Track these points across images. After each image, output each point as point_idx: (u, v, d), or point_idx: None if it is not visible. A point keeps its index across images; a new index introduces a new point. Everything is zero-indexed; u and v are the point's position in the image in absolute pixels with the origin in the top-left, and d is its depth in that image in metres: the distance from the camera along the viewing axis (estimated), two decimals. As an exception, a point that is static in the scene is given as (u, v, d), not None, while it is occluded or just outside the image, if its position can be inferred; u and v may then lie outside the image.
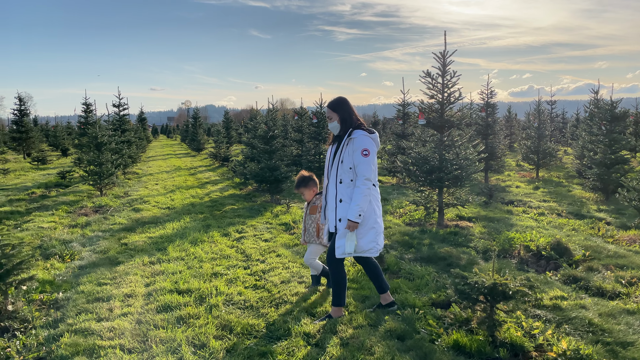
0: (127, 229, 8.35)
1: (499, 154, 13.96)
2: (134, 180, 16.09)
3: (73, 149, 27.68)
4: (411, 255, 6.36)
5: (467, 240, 7.12)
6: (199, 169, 19.97)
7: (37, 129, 32.49)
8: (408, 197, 10.77)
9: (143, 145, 27.86)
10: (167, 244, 7.17)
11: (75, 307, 4.75)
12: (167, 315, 4.50)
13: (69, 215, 9.71)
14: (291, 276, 5.59)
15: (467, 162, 7.85)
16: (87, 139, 13.26)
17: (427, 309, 4.54)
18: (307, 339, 4.00)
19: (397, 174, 13.87)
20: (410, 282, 5.32)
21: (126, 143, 18.12)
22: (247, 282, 5.46)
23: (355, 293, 4.99)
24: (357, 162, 4.14)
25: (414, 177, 8.24)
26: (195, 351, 3.80)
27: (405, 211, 9.47)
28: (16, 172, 18.59)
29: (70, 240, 7.51)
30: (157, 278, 5.62)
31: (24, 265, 4.78)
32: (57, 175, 15.69)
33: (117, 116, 19.88)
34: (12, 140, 27.51)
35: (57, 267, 6.15)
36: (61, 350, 3.82)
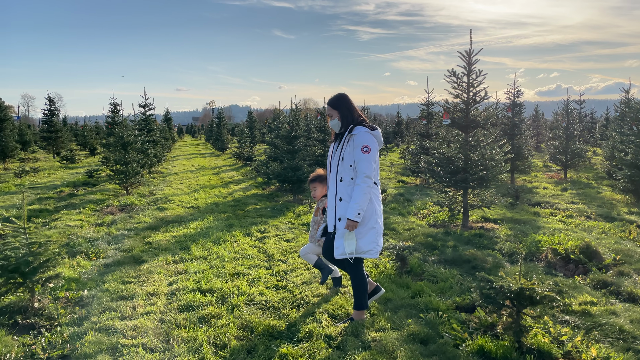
0: (151, 228, 8.45)
1: (525, 155, 13.68)
2: (159, 179, 16.31)
3: (101, 149, 28.22)
4: (435, 258, 6.26)
5: (492, 242, 6.98)
6: (223, 169, 20.13)
7: (66, 128, 33.23)
8: (432, 198, 10.64)
9: (168, 144, 28.24)
10: (190, 243, 7.22)
11: (99, 305, 4.80)
12: (189, 314, 4.52)
13: (95, 214, 9.88)
14: (313, 277, 5.56)
15: (493, 162, 7.70)
16: (113, 139, 13.49)
17: (451, 313, 4.45)
18: (328, 341, 3.96)
19: (420, 174, 13.72)
20: (433, 284, 5.23)
21: (152, 143, 18.38)
22: (269, 282, 5.46)
23: (377, 295, 4.93)
24: (358, 159, 4.01)
25: (438, 177, 8.12)
26: (217, 351, 3.80)
27: (428, 212, 9.35)
28: (46, 170, 19.03)
29: (96, 238, 7.63)
30: (180, 277, 5.66)
31: (51, 263, 4.86)
32: (85, 174, 16.01)
33: (143, 116, 20.19)
34: (42, 140, 28.21)
35: (83, 265, 6.25)
36: (85, 348, 3.86)
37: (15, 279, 4.64)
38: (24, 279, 4.67)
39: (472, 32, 7.94)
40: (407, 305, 4.66)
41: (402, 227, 8.00)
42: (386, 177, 15.85)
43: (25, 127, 31.86)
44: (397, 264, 5.87)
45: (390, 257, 6.21)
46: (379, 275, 5.57)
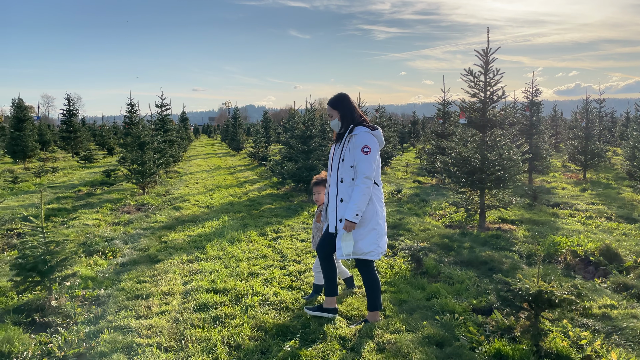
0: (167, 227, 8.50)
1: (543, 155, 13.48)
2: (175, 179, 16.43)
3: (118, 148, 28.55)
4: (451, 259, 6.18)
5: (509, 244, 6.88)
6: (238, 168, 20.21)
7: (85, 128, 33.69)
8: (448, 199, 10.54)
9: (185, 144, 28.45)
10: (205, 243, 7.24)
11: (115, 304, 4.84)
12: (203, 314, 4.52)
13: (112, 213, 9.98)
14: (327, 278, 5.53)
15: (510, 162, 7.59)
16: (130, 139, 13.62)
17: (468, 315, 4.39)
18: (342, 342, 3.93)
19: (436, 174, 13.61)
20: (449, 286, 5.17)
21: (168, 142, 18.52)
22: (283, 282, 5.44)
23: (392, 296, 4.89)
24: (358, 159, 3.96)
25: (454, 178, 8.03)
26: (230, 352, 3.79)
27: (444, 213, 9.26)
28: (64, 170, 19.31)
29: (113, 237, 7.70)
30: (195, 277, 5.68)
31: (68, 261, 4.91)
32: (103, 173, 16.19)
33: (160, 116, 20.34)
34: (61, 140, 28.63)
35: (100, 263, 6.31)
36: (100, 347, 3.89)
37: (33, 278, 4.70)
38: (42, 278, 4.73)
39: (490, 30, 7.84)
40: (422, 306, 4.61)
41: (418, 228, 7.93)
42: (402, 177, 15.75)
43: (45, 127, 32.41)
44: (413, 265, 5.82)
45: (406, 258, 6.16)
46: (394, 276, 5.52)
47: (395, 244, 7.03)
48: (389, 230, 7.91)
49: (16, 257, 4.77)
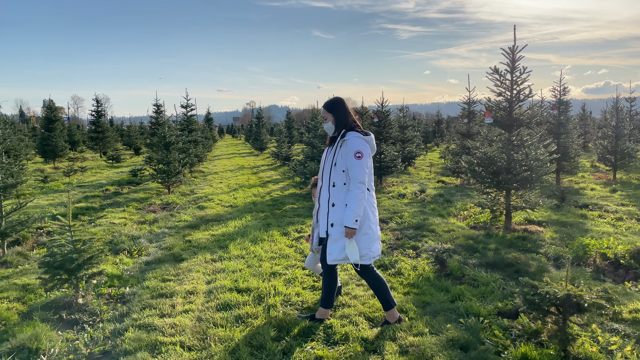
0: (191, 226, 8.59)
1: (572, 154, 13.17)
2: (199, 178, 16.61)
3: (145, 148, 29.02)
4: (476, 261, 6.08)
5: (536, 245, 6.73)
6: (261, 168, 20.31)
7: (112, 129, 34.36)
8: (473, 199, 10.39)
9: (209, 144, 28.75)
10: (228, 242, 7.29)
11: (140, 302, 4.90)
12: (226, 313, 4.54)
13: (138, 212, 10.14)
14: (349, 278, 5.50)
15: (538, 162, 7.43)
16: (156, 139, 13.82)
17: (493, 319, 4.31)
18: (365, 344, 3.90)
19: (461, 174, 13.43)
20: (474, 288, 5.08)
21: (193, 142, 18.73)
22: (305, 282, 5.43)
23: (415, 298, 4.83)
24: (350, 164, 3.96)
25: (479, 178, 7.90)
26: (253, 352, 3.79)
27: (469, 214, 9.13)
28: (93, 169, 19.71)
29: (139, 236, 7.82)
30: (218, 276, 5.72)
31: (94, 260, 5.00)
32: (129, 173, 16.47)
33: (185, 116, 20.58)
34: (90, 140, 29.24)
35: (126, 262, 6.41)
36: (125, 344, 3.94)
37: (60, 276, 4.79)
38: (69, 276, 4.82)
39: (516, 28, 7.69)
40: (446, 309, 4.54)
41: (442, 229, 7.83)
42: (425, 177, 15.60)
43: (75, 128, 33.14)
44: (436, 267, 5.74)
45: (429, 259, 6.09)
46: (417, 277, 5.46)
47: (418, 245, 6.96)
48: (412, 231, 7.85)
49: (45, 255, 4.88)
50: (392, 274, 5.68)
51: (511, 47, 7.54)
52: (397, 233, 7.83)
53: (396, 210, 9.67)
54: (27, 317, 4.56)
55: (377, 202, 10.55)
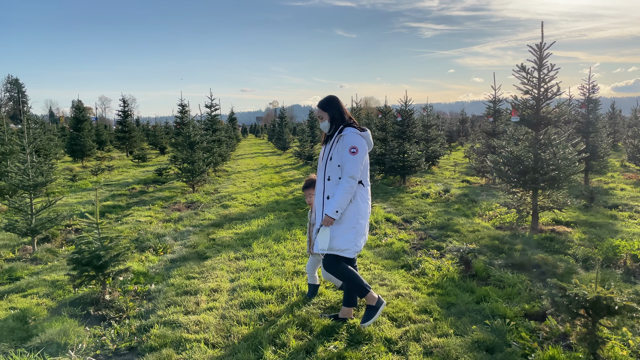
0: (215, 225, 8.66)
1: (601, 154, 12.85)
2: (223, 177, 16.75)
3: (170, 148, 29.42)
4: (501, 261, 5.98)
5: (564, 247, 6.59)
6: (284, 167, 20.38)
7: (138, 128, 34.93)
8: (498, 199, 10.23)
9: (233, 144, 28.99)
10: (251, 241, 7.33)
11: (165, 299, 4.96)
12: (249, 311, 4.56)
13: (163, 210, 10.27)
14: (372, 278, 5.47)
15: (566, 162, 7.27)
16: (181, 138, 13.99)
17: (519, 320, 4.22)
18: (388, 345, 3.86)
19: (486, 174, 13.24)
20: (500, 290, 4.99)
21: (217, 142, 18.90)
22: (328, 282, 5.41)
23: (439, 299, 4.78)
24: (345, 159, 4.02)
25: (505, 177, 7.77)
26: (276, 350, 3.80)
27: (494, 214, 8.99)
28: (119, 168, 20.07)
29: (164, 234, 7.92)
30: (242, 274, 5.75)
31: (121, 257, 5.08)
32: (155, 172, 16.73)
33: (209, 116, 20.79)
34: (117, 140, 29.78)
35: (151, 259, 6.50)
36: (151, 341, 3.99)
37: (88, 272, 4.88)
38: (96, 272, 4.91)
39: (543, 25, 7.53)
40: (471, 310, 4.48)
41: (466, 229, 7.72)
42: (449, 176, 15.43)
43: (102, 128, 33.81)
44: (461, 267, 5.66)
45: (454, 259, 6.01)
46: (442, 278, 5.39)
47: (442, 245, 6.88)
48: (436, 231, 7.77)
49: (73, 252, 4.98)
50: (416, 274, 5.63)
51: (538, 44, 7.39)
52: (420, 233, 7.76)
53: (420, 210, 9.59)
54: (56, 313, 4.66)
55: (400, 201, 10.46)
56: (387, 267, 5.94)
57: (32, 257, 6.69)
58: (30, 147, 7.37)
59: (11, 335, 4.17)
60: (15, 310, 4.73)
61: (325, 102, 4.27)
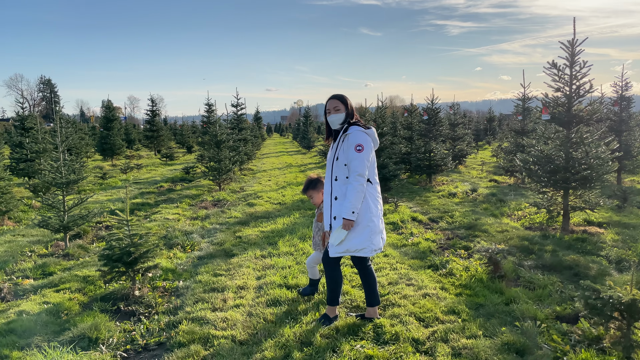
0: (241, 223, 8.73)
1: (634, 153, 12.48)
2: (249, 176, 16.88)
3: (196, 146, 29.78)
4: (531, 262, 5.86)
5: (596, 248, 6.42)
6: (309, 166, 20.41)
7: (166, 128, 35.44)
8: (527, 199, 10.04)
9: (258, 143, 29.18)
10: (277, 239, 7.36)
11: (193, 295, 5.02)
12: (276, 309, 4.58)
13: (191, 208, 10.41)
14: (399, 278, 5.43)
15: (598, 161, 7.07)
16: (208, 137, 14.15)
17: (551, 323, 4.13)
18: (416, 345, 3.83)
19: (515, 173, 13.00)
20: (530, 291, 4.89)
21: (243, 141, 19.06)
22: (354, 280, 5.40)
23: (467, 300, 4.71)
24: (351, 157, 4.00)
25: (535, 177, 7.61)
26: (302, 348, 3.80)
27: (524, 214, 8.82)
28: (148, 167, 20.41)
29: (191, 231, 8.02)
30: (268, 272, 5.78)
31: (150, 254, 5.16)
32: (182, 170, 16.95)
33: (235, 115, 20.97)
34: (145, 138, 30.32)
35: (179, 256, 6.59)
36: (179, 337, 4.04)
37: (118, 268, 4.98)
38: (126, 268, 5.00)
39: (575, 21, 7.34)
40: (500, 312, 4.40)
41: (495, 229, 7.60)
42: (477, 175, 15.21)
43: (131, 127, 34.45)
44: (490, 268, 5.57)
45: (482, 260, 5.92)
46: (470, 278, 5.31)
47: (470, 245, 6.78)
48: (463, 231, 7.67)
49: (104, 248, 5.08)
50: (444, 274, 5.56)
51: (570, 41, 7.21)
52: (447, 233, 7.67)
53: (446, 209, 9.48)
54: (88, 308, 4.76)
55: (426, 201, 10.36)
56: (414, 266, 5.89)
57: (64, 252, 6.86)
58: (62, 146, 7.55)
59: (45, 329, 4.28)
60: (49, 304, 4.85)
61: (343, 97, 4.28)
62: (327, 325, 4.16)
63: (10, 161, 14.41)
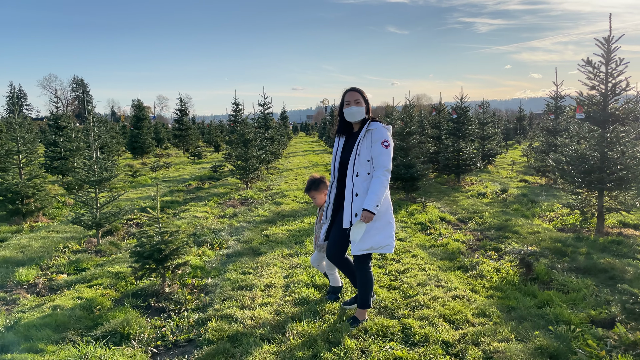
0: (268, 221, 8.77)
1: (673, 153, 12.04)
2: (275, 174, 16.96)
3: (224, 145, 30.08)
4: (564, 265, 5.72)
5: (633, 251, 6.22)
6: (336, 165, 20.35)
7: (194, 127, 35.95)
8: (560, 200, 9.80)
9: (284, 142, 29.31)
10: (304, 238, 7.37)
11: (221, 293, 5.06)
12: (303, 308, 4.58)
13: (218, 206, 10.51)
14: (428, 279, 5.36)
15: (635, 161, 6.85)
16: (235, 136, 14.28)
17: (585, 327, 4.02)
18: (446, 347, 3.77)
19: (547, 173, 12.71)
20: (564, 294, 4.77)
21: (269, 140, 19.16)
22: (382, 281, 5.36)
23: (499, 302, 4.62)
24: (378, 152, 4.00)
25: (568, 177, 7.42)
26: (330, 348, 3.79)
27: (556, 215, 8.61)
28: (177, 165, 20.72)
29: (219, 229, 8.10)
30: (295, 270, 5.78)
31: (180, 251, 5.22)
32: (210, 169, 17.15)
33: (262, 114, 21.10)
34: (174, 137, 30.79)
35: (208, 254, 6.66)
36: (208, 334, 4.08)
37: (149, 265, 5.05)
38: (157, 265, 5.07)
39: (611, 17, 7.12)
40: (533, 315, 4.30)
41: (526, 230, 7.44)
42: (506, 175, 14.93)
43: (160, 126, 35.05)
44: (521, 270, 5.45)
45: (514, 262, 5.80)
46: (501, 281, 5.21)
47: (501, 246, 6.66)
48: (493, 232, 7.54)
49: (135, 245, 5.17)
50: (473, 276, 5.47)
51: (606, 38, 7.00)
52: (477, 234, 7.54)
53: (476, 210, 9.33)
54: (119, 303, 4.85)
55: (454, 201, 10.22)
56: (443, 268, 5.81)
57: (96, 249, 7.01)
58: (95, 144, 7.71)
59: (78, 324, 4.38)
60: (82, 299, 4.96)
61: (362, 90, 4.25)
62: (356, 327, 4.14)
63: (45, 159, 14.82)
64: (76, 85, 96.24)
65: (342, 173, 4.22)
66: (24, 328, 4.26)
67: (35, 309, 4.81)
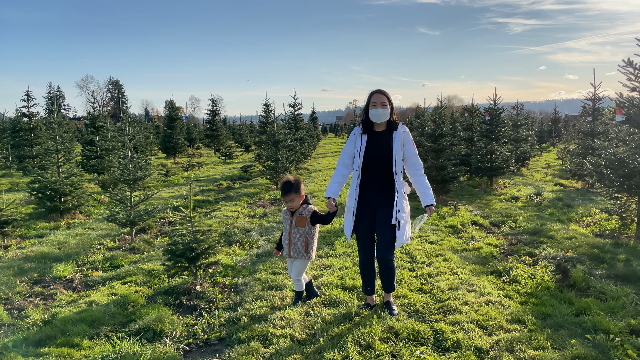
0: (298, 222, 8.77)
1: None
2: (305, 175, 16.99)
3: (254, 146, 30.35)
4: (602, 272, 5.53)
5: (676, 259, 5.97)
6: (366, 167, 20.27)
7: (225, 127, 36.38)
8: (597, 204, 9.51)
9: (313, 142, 29.37)
10: (334, 239, 7.35)
11: (252, 293, 5.09)
12: (333, 310, 4.56)
13: (249, 206, 10.60)
14: (460, 283, 5.27)
15: (679, 166, 6.58)
16: (266, 137, 14.40)
17: (625, 336, 3.87)
18: (479, 354, 3.69)
19: (584, 177, 12.36)
20: (602, 302, 4.61)
21: (299, 140, 19.23)
22: (413, 285, 5.30)
23: (534, 309, 4.50)
24: (412, 153, 4.39)
25: (607, 181, 7.19)
26: (361, 351, 3.76)
27: (593, 220, 8.36)
28: (208, 165, 21.01)
29: (250, 229, 8.16)
30: (325, 272, 5.77)
31: (211, 250, 5.29)
32: (240, 169, 17.33)
33: (292, 115, 21.19)
34: (205, 137, 31.28)
35: (238, 253, 6.71)
36: (239, 333, 4.10)
37: (181, 263, 5.13)
38: (189, 264, 5.14)
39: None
40: (570, 323, 4.17)
41: (562, 236, 7.24)
42: (541, 179, 14.59)
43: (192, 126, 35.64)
44: (557, 276, 5.31)
45: (549, 267, 5.65)
46: (536, 287, 5.08)
47: (535, 251, 6.50)
48: (527, 237, 7.37)
49: (168, 243, 5.25)
50: (507, 281, 5.35)
51: (649, 37, 6.75)
52: (510, 238, 7.38)
53: (509, 213, 9.14)
54: (152, 301, 4.93)
55: (487, 204, 10.03)
56: (475, 272, 5.71)
57: (130, 246, 7.16)
58: (130, 144, 7.88)
59: (112, 320, 4.47)
60: (116, 296, 5.07)
61: (387, 92, 4.35)
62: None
63: (82, 158, 15.23)
64: (112, 86, 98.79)
65: (364, 168, 4.43)
66: (61, 322, 4.37)
67: (71, 304, 4.94)
